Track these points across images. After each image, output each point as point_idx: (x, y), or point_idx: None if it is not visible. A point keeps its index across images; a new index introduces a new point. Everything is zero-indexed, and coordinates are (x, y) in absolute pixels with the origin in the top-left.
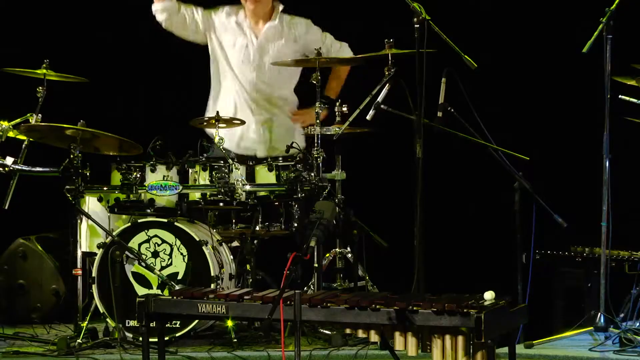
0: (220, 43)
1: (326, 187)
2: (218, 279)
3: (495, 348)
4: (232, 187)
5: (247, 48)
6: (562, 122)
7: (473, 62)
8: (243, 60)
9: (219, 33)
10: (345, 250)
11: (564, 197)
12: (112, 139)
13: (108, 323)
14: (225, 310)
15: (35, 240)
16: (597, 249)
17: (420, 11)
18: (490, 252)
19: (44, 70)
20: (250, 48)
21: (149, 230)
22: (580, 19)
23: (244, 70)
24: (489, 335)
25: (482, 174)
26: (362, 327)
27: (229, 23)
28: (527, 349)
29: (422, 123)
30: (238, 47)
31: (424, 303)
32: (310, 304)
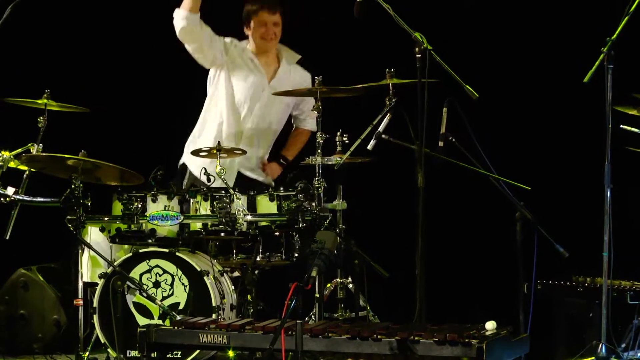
0: (229, 73)
1: (327, 217)
2: (219, 309)
3: None
4: (234, 217)
5: (259, 86)
6: (563, 151)
7: (474, 92)
8: (252, 97)
9: (232, 63)
10: (347, 280)
11: (565, 227)
12: (113, 169)
13: (109, 353)
14: (226, 341)
15: (36, 271)
16: (599, 279)
17: (422, 41)
18: (491, 281)
19: (45, 100)
20: (265, 87)
21: (150, 261)
22: (581, 48)
23: (250, 106)
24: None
25: (484, 204)
26: (363, 357)
27: (244, 57)
28: None
29: (424, 153)
30: (250, 83)
31: (426, 333)
32: (312, 334)
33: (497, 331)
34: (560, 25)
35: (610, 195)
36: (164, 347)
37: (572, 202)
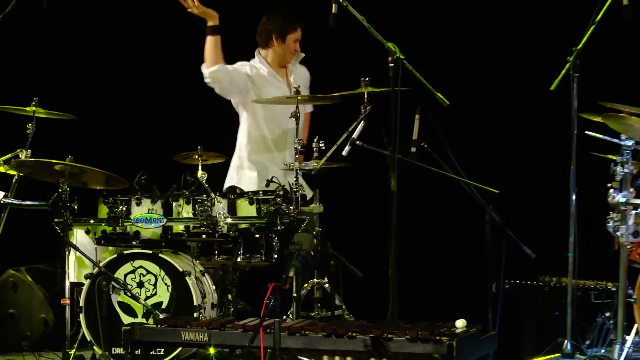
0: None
1: (304, 220)
2: (201, 308)
3: None
4: (215, 220)
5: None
6: (531, 157)
7: (445, 99)
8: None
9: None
10: (323, 281)
11: (532, 229)
12: (99, 173)
13: (95, 351)
14: (207, 338)
15: (25, 271)
16: (564, 279)
17: (394, 50)
18: (461, 281)
19: (33, 107)
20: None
21: (134, 262)
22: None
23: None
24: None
25: (454, 207)
26: (339, 354)
27: (265, 76)
28: None
29: (396, 158)
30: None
31: (398, 331)
32: (289, 332)
33: (466, 329)
34: (527, 36)
35: (576, 199)
36: (148, 345)
37: (539, 205)
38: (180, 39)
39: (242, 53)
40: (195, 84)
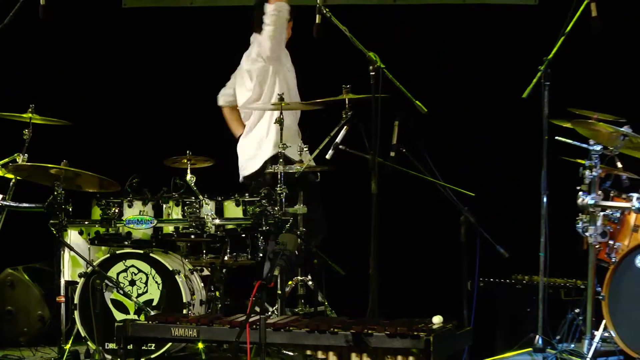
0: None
1: (289, 221)
2: (190, 305)
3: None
4: (203, 221)
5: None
6: (504, 161)
7: (423, 106)
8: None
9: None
10: (306, 279)
11: (505, 229)
12: (92, 177)
13: (89, 346)
14: (196, 334)
15: (22, 270)
16: (536, 277)
17: (375, 60)
18: (438, 279)
19: (29, 114)
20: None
21: (126, 261)
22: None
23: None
24: (437, 356)
25: (431, 209)
26: (321, 348)
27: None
28: None
29: (377, 162)
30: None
31: (378, 327)
32: (274, 327)
33: (443, 325)
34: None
35: (546, 201)
36: (139, 340)
37: (512, 207)
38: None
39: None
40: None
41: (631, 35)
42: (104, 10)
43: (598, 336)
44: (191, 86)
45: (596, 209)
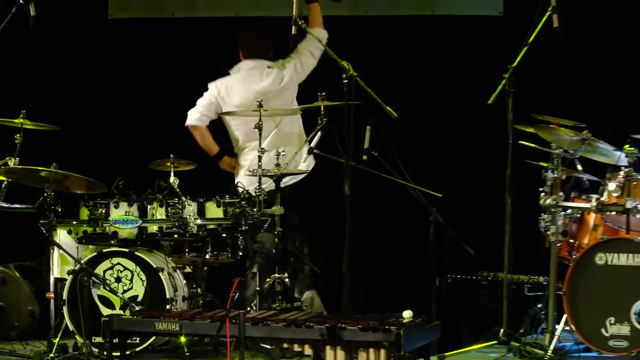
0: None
1: (267, 221)
2: (173, 300)
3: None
4: (185, 221)
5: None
6: (471, 163)
7: (394, 112)
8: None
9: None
10: (283, 276)
11: (472, 229)
12: (80, 179)
13: (77, 339)
14: (179, 328)
15: (13, 268)
16: (501, 274)
17: (348, 68)
18: (408, 276)
19: (21, 119)
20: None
21: (112, 259)
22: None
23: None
24: (408, 348)
25: (402, 209)
26: (297, 342)
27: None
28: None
29: (350, 165)
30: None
31: (352, 321)
32: (253, 322)
33: (413, 319)
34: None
35: (510, 202)
36: (125, 334)
37: (478, 208)
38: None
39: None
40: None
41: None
42: (91, 20)
43: (559, 330)
44: (174, 93)
45: (557, 209)
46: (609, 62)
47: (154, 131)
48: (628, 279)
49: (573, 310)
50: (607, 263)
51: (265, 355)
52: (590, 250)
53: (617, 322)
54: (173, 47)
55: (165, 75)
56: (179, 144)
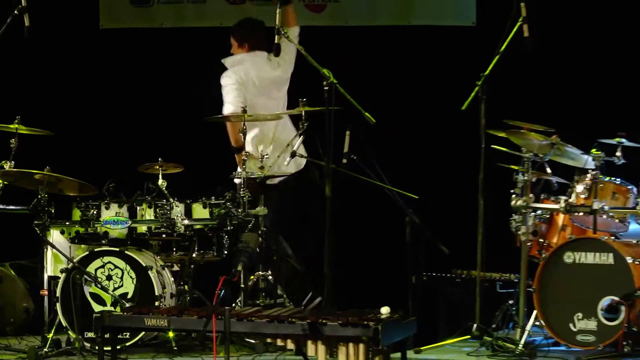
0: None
1: (251, 221)
2: (161, 297)
3: (390, 353)
4: (173, 221)
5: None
6: (445, 167)
7: (372, 117)
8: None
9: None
10: (267, 273)
11: (447, 229)
12: (73, 182)
13: (70, 335)
14: (167, 324)
15: (9, 266)
16: (474, 272)
17: (328, 76)
18: (386, 274)
19: (16, 125)
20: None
21: (103, 258)
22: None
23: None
24: (385, 343)
25: (380, 210)
26: (280, 336)
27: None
28: (416, 354)
29: (330, 168)
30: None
31: (332, 317)
32: (238, 318)
33: (390, 315)
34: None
35: (483, 203)
36: (115, 330)
37: (452, 209)
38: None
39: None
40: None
41: (560, 54)
42: (83, 31)
43: (529, 325)
44: (162, 99)
45: (528, 210)
46: (577, 70)
47: (143, 136)
48: (595, 277)
49: (543, 306)
50: (575, 261)
51: (250, 349)
52: (559, 249)
53: (584, 317)
54: (161, 55)
55: (154, 82)
56: (167, 148)
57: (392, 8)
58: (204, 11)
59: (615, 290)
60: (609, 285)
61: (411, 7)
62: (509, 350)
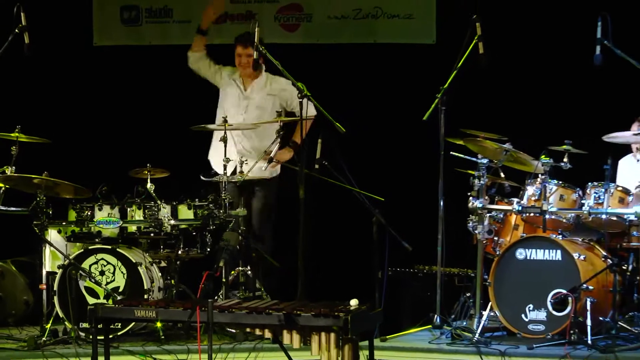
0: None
1: (231, 221)
2: (150, 291)
3: (358, 341)
4: (160, 221)
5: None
6: (408, 172)
7: (342, 127)
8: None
9: (224, 84)
10: (246, 269)
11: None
12: (68, 185)
13: (66, 325)
14: (155, 315)
15: (10, 263)
16: (435, 267)
17: (302, 89)
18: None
19: (16, 133)
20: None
21: (97, 255)
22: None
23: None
24: (354, 332)
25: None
26: (258, 326)
27: (230, 79)
28: (382, 342)
29: (304, 172)
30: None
31: (305, 308)
32: (220, 309)
33: (358, 307)
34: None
35: (443, 205)
36: (108, 320)
37: (415, 210)
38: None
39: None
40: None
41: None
42: (78, 47)
43: (485, 315)
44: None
45: (483, 211)
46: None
47: (133, 143)
48: (544, 271)
49: (497, 298)
50: (527, 257)
51: (231, 338)
52: (511, 246)
53: (535, 308)
54: (149, 70)
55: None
56: (155, 155)
57: (359, 27)
58: (188, 30)
59: (563, 284)
60: (557, 279)
61: (376, 27)
62: (466, 339)
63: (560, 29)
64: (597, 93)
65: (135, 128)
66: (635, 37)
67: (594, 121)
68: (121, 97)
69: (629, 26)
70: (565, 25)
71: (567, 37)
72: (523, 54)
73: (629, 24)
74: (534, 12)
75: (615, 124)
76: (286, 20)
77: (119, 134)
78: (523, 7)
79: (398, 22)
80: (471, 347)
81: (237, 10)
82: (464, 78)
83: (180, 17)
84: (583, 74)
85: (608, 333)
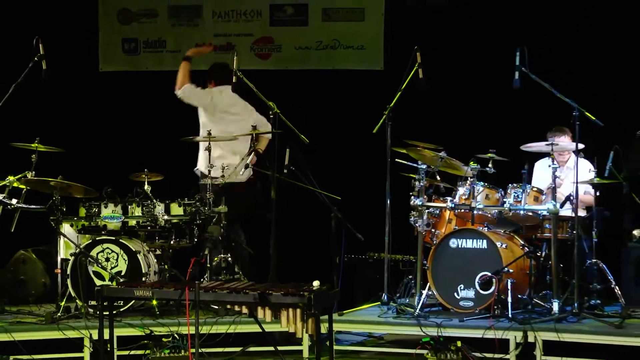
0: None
1: (215, 217)
2: (147, 274)
3: (320, 316)
4: (156, 217)
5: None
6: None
7: (306, 138)
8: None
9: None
10: (227, 256)
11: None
12: (79, 187)
13: (77, 303)
14: (151, 294)
15: (31, 251)
16: (383, 254)
17: (273, 107)
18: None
19: (36, 144)
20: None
21: (103, 245)
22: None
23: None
24: (317, 308)
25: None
26: (237, 304)
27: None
28: (340, 317)
29: (275, 176)
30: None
31: (276, 288)
32: (205, 290)
33: (320, 287)
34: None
35: (390, 202)
36: (112, 299)
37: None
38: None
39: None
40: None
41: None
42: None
43: (424, 294)
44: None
45: (423, 208)
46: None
47: (133, 152)
48: (473, 257)
49: (434, 280)
50: (459, 246)
51: (214, 313)
52: (446, 237)
53: (465, 288)
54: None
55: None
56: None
57: (321, 56)
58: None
59: (488, 267)
60: (483, 264)
61: (335, 56)
62: (409, 313)
63: (486, 58)
64: (516, 110)
65: (134, 139)
66: (547, 64)
67: (514, 133)
68: (123, 113)
69: (542, 55)
70: (490, 55)
71: (491, 65)
72: (456, 78)
73: (541, 54)
74: (465, 44)
75: (531, 136)
76: (260, 50)
77: (121, 144)
78: (456, 40)
79: (352, 52)
80: (413, 320)
81: (219, 42)
82: (407, 98)
83: (172, 47)
84: (504, 95)
85: (525, 308)
